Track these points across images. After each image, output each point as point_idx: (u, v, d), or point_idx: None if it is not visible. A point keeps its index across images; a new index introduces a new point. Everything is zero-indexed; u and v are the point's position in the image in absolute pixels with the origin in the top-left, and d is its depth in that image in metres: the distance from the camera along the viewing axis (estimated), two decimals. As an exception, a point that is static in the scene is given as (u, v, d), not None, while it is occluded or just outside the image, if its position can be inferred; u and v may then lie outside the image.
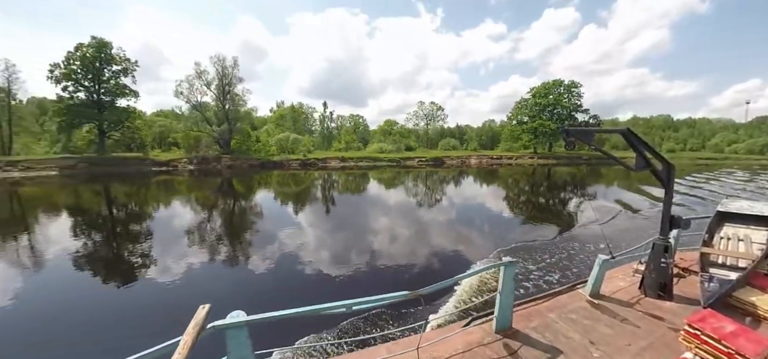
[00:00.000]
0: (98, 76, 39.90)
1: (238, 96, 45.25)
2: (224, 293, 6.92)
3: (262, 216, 15.27)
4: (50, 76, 38.25)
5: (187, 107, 47.02)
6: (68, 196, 22.58)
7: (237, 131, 45.86)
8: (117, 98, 41.37)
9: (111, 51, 40.48)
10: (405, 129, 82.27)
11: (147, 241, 11.16)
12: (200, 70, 43.61)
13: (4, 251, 10.08)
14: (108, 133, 42.00)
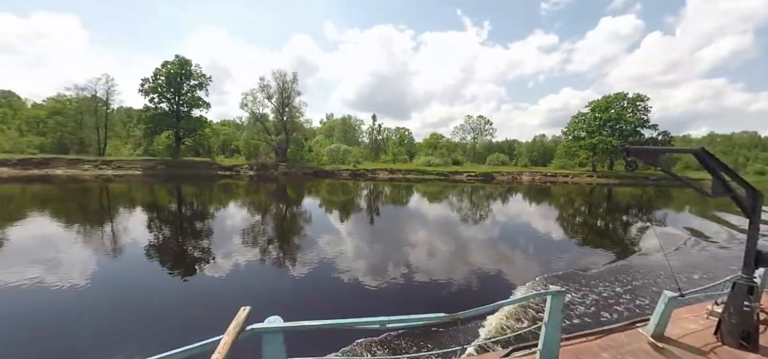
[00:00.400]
0: (178, 89, 44.87)
1: (295, 108, 48.14)
2: (263, 295, 6.98)
3: (309, 222, 15.71)
4: (141, 89, 43.83)
5: (247, 118, 50.98)
6: (148, 193, 25.34)
7: (293, 140, 48.58)
8: (192, 108, 46.10)
9: (190, 68, 45.44)
10: (451, 142, 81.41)
11: (204, 238, 12.06)
12: (264, 84, 47.20)
13: (89, 237, 11.64)
14: (183, 139, 46.77)
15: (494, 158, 66.21)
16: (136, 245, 10.57)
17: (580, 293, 7.35)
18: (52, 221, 14.59)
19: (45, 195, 23.41)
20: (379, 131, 63.61)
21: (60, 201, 21.24)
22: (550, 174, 55.11)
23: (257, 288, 7.50)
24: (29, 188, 26.93)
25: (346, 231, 13.73)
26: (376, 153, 60.78)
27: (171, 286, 7.58)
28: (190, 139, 47.50)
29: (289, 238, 12.52)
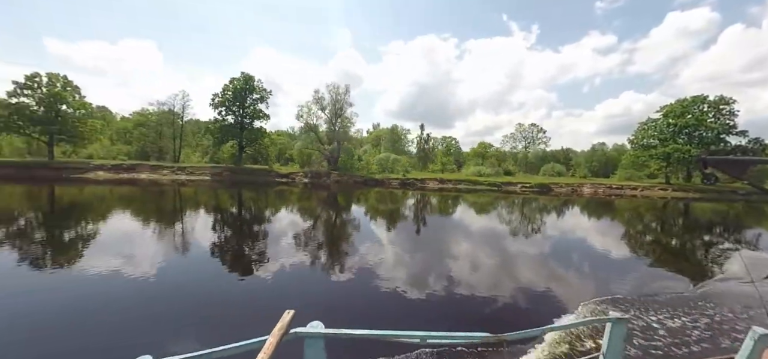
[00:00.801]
0: (243, 103, 48.72)
1: (347, 119, 49.81)
2: (306, 298, 7.07)
3: (356, 229, 15.89)
4: (212, 103, 48.39)
5: (300, 128, 53.62)
6: (214, 197, 27.83)
7: (344, 150, 50.16)
8: (254, 120, 49.73)
9: (253, 83, 49.20)
10: (500, 151, 78.48)
11: (258, 239, 12.87)
12: (318, 96, 49.44)
13: (159, 233, 13.12)
14: (245, 148, 50.51)
15: (549, 169, 62.48)
16: (198, 242, 11.75)
17: (645, 322, 6.47)
18: (132, 218, 16.96)
19: (130, 196, 26.89)
20: (427, 140, 63.31)
21: (141, 202, 24.38)
22: (615, 186, 50.59)
23: (301, 290, 7.56)
24: (118, 189, 30.95)
25: (391, 240, 13.72)
26: (424, 163, 60.51)
27: (224, 282, 8.10)
28: (251, 148, 51.12)
29: (335, 244, 12.81)
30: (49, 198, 23.87)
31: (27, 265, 8.67)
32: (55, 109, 44.55)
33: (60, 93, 44.41)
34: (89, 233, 12.78)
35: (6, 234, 12.26)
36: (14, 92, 42.90)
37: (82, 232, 13.10)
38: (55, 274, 8.24)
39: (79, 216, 17.04)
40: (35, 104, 43.75)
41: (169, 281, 7.94)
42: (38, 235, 12.57)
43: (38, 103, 43.77)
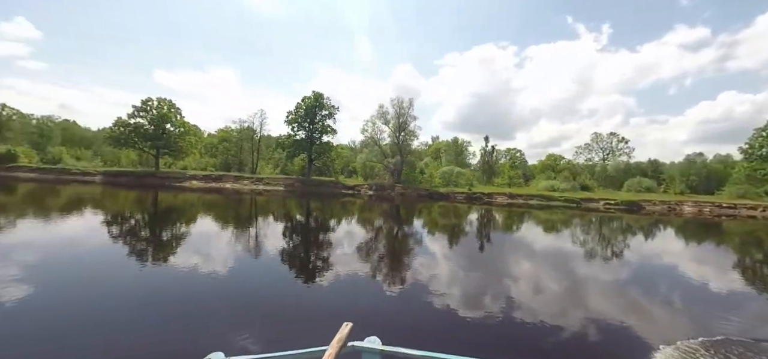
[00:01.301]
0: (313, 119, 51.89)
1: (411, 132, 50.08)
2: (364, 311, 6.95)
3: (418, 243, 15.58)
4: (286, 120, 52.43)
5: (360, 142, 55.25)
6: (287, 206, 29.70)
7: (407, 163, 50.32)
8: (323, 134, 52.52)
9: (323, 100, 52.25)
10: (572, 164, 72.09)
11: (322, 248, 13.37)
12: (382, 110, 50.63)
13: (236, 237, 14.30)
14: (314, 161, 53.47)
15: (635, 184, 55.42)
16: (269, 246, 12.58)
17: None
18: (215, 222, 19.24)
19: (216, 203, 30.15)
20: (492, 152, 60.70)
21: (224, 208, 27.25)
22: (725, 205, 42.88)
23: (359, 302, 7.50)
24: (207, 196, 34.71)
25: (456, 257, 13.20)
26: (488, 176, 58.00)
27: (289, 285, 8.43)
28: (320, 161, 53.95)
29: (396, 257, 12.52)
30: (153, 202, 27.91)
31: (128, 258, 10.10)
32: (162, 127, 52.12)
33: (166, 114, 51.91)
34: (180, 234, 14.68)
35: (118, 231, 14.73)
36: (133, 114, 51.24)
37: (175, 232, 15.14)
38: (147, 267, 9.45)
39: (174, 219, 19.85)
40: (148, 124, 51.65)
41: (243, 281, 8.55)
42: (141, 233, 14.89)
43: (150, 122, 51.63)
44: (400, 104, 50.57)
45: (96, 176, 49.85)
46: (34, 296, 6.69)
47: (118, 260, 9.84)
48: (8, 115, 70.88)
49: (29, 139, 69.02)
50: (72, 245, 11.93)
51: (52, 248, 11.25)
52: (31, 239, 12.33)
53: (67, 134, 78.18)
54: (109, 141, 53.31)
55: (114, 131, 51.13)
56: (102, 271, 8.91)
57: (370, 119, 52.87)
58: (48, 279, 7.90)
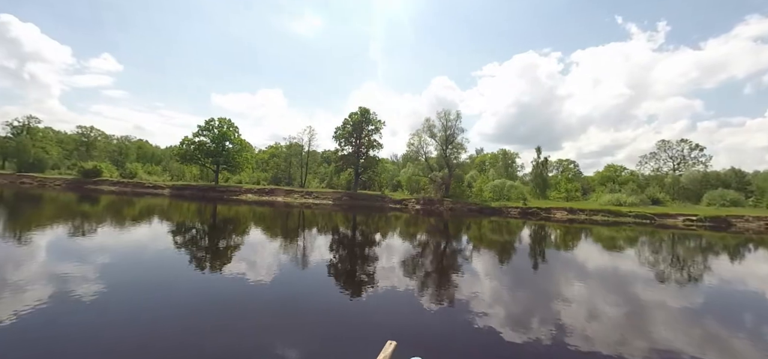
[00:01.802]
0: (360, 134, 52.84)
1: (459, 145, 48.97)
2: (408, 329, 6.67)
3: (467, 260, 15.06)
4: (334, 135, 53.93)
5: (402, 155, 54.91)
6: (336, 219, 30.07)
7: (455, 176, 49.09)
8: (369, 149, 53.20)
9: (369, 115, 53.16)
10: (636, 175, 65.85)
11: (369, 261, 13.30)
12: (429, 123, 50.16)
13: (284, 248, 15.05)
14: (360, 175, 54.17)
15: (717, 196, 48.95)
16: (317, 259, 12.97)
17: None
18: (267, 233, 20.39)
19: (268, 215, 31.51)
20: (545, 164, 57.36)
21: (276, 220, 28.51)
22: (844, 223, 36.14)
23: (404, 320, 7.29)
24: (260, 209, 36.31)
25: (502, 273, 12.67)
26: (542, 189, 54.72)
27: (332, 298, 8.50)
28: (365, 175, 54.55)
29: (445, 274, 12.07)
30: (214, 214, 30.05)
31: (187, 265, 11.03)
32: (222, 144, 56.13)
33: (226, 132, 55.86)
34: (237, 244, 15.68)
35: (182, 240, 16.19)
36: (197, 133, 55.83)
37: (233, 242, 16.25)
38: (204, 273, 10.30)
39: (233, 229, 21.41)
40: (210, 141, 55.92)
41: (289, 291, 8.87)
42: (202, 242, 16.28)
43: (212, 140, 55.85)
44: (447, 117, 49.83)
45: (165, 189, 54.71)
46: (106, 293, 7.63)
47: (181, 266, 10.99)
48: (95, 136, 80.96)
49: (111, 156, 78.02)
50: (143, 250, 13.56)
51: (126, 252, 12.83)
52: (109, 243, 14.18)
53: (141, 152, 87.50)
54: (178, 157, 58.40)
55: (182, 148, 55.99)
56: (165, 275, 9.95)
57: (416, 132, 52.65)
58: (121, 278, 9.09)
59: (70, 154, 74.64)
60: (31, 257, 10.85)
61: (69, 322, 6.00)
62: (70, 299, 7.06)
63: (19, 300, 6.74)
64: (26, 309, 6.29)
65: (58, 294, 7.25)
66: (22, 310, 6.22)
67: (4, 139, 67.54)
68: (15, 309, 6.22)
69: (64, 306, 6.64)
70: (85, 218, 22.59)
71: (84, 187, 54.60)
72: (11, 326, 5.64)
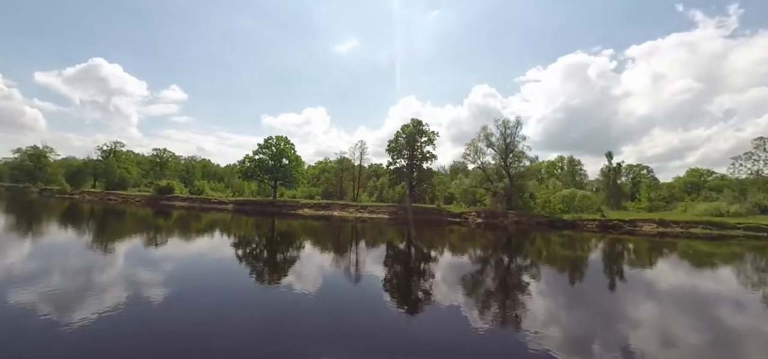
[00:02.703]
0: (413, 146, 51.95)
1: (520, 154, 45.99)
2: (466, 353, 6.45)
3: (531, 276, 14.46)
4: (388, 148, 53.54)
5: (451, 166, 52.73)
6: (393, 233, 29.52)
7: (517, 187, 46.05)
8: (423, 161, 52.00)
9: (422, 127, 52.18)
10: (728, 179, 57.29)
11: (424, 277, 13.46)
12: (486, 132, 47.90)
13: (337, 261, 15.99)
14: (414, 187, 53.01)
15: None
16: (376, 274, 13.24)
17: None
18: (323, 247, 21.28)
19: (324, 229, 31.98)
20: (618, 171, 51.90)
21: (331, 233, 29.32)
22: None
23: (460, 342, 7.00)
24: (317, 223, 36.63)
25: (575, 295, 11.93)
26: (616, 199, 49.46)
27: (389, 315, 8.66)
28: (419, 187, 53.29)
29: (507, 293, 11.50)
30: (271, 227, 31.80)
31: (245, 275, 12.47)
32: (279, 161, 58.38)
33: (283, 149, 58.08)
34: (292, 257, 16.68)
35: (243, 252, 17.73)
36: (258, 151, 58.71)
37: (287, 255, 17.34)
38: (264, 284, 11.28)
39: (289, 242, 23.06)
40: (268, 158, 58.45)
41: (325, 301, 9.31)
42: (262, 253, 17.81)
43: (270, 157, 58.35)
44: (506, 124, 47.24)
45: (229, 204, 57.93)
46: (175, 296, 9.10)
47: (249, 274, 12.59)
48: (167, 157, 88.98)
49: (179, 175, 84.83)
50: (215, 259, 15.30)
51: (195, 261, 14.63)
52: (180, 252, 16.48)
53: (205, 170, 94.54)
54: (240, 174, 61.75)
55: (243, 165, 59.14)
56: (230, 282, 11.31)
57: (471, 141, 50.52)
58: (188, 283, 10.71)
59: (146, 173, 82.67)
60: (115, 263, 13.07)
61: (138, 319, 7.35)
62: (142, 299, 8.67)
63: (102, 299, 8.33)
64: (107, 307, 7.77)
65: (132, 296, 8.81)
66: (104, 308, 7.68)
67: (95, 162, 76.57)
68: (99, 308, 7.66)
69: (137, 306, 8.12)
70: (161, 231, 25.50)
71: (159, 203, 59.65)
72: (98, 320, 7.00)
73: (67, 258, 13.59)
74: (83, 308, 7.50)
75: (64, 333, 6.31)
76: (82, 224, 27.58)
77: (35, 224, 25.56)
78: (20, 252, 14.33)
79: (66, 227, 25.87)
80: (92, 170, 77.02)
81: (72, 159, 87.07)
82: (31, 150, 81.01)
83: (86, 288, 9.27)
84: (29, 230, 22.11)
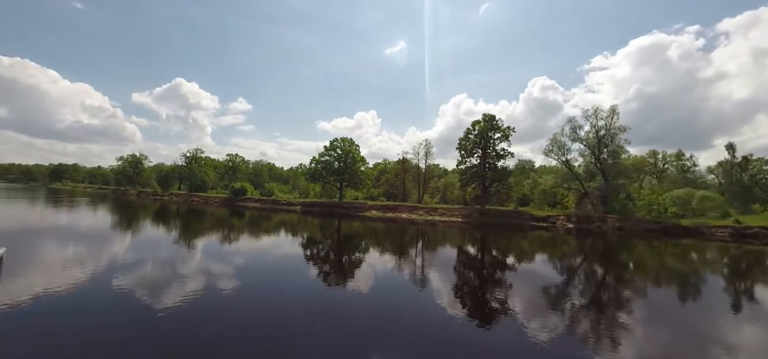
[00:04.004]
0: (486, 143, 48.38)
1: (619, 148, 40.04)
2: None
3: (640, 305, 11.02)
4: (458, 147, 50.61)
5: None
6: (468, 239, 26.94)
7: (614, 187, 40.18)
8: (497, 160, 48.14)
9: (495, 122, 48.39)
10: None
11: (499, 288, 12.33)
12: (573, 124, 42.71)
13: (402, 263, 16.15)
14: (488, 188, 49.30)
15: None
16: (436, 279, 13.05)
17: None
18: (389, 250, 20.58)
19: (394, 231, 30.34)
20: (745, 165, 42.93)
21: (398, 235, 28.08)
22: None
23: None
24: (383, 225, 34.93)
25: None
26: (743, 200, 40.85)
27: (461, 327, 8.17)
28: (494, 188, 49.45)
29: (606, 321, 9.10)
30: (337, 229, 31.62)
31: (306, 275, 12.95)
32: (345, 162, 58.61)
33: (349, 150, 58.21)
34: (357, 259, 16.73)
35: (310, 253, 18.34)
36: (324, 153, 59.62)
37: (352, 257, 17.50)
38: (326, 283, 11.81)
39: (360, 243, 22.88)
40: (335, 160, 59.01)
41: (425, 316, 8.94)
42: (328, 254, 18.28)
43: (336, 159, 58.84)
44: (597, 114, 41.53)
45: (297, 206, 59.55)
46: (243, 287, 10.33)
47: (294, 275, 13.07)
48: (238, 162, 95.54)
49: (248, 178, 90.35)
50: (294, 255, 16.80)
51: (269, 257, 15.96)
52: (254, 248, 18.08)
53: (271, 173, 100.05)
54: (307, 176, 63.32)
55: (311, 168, 60.47)
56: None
57: (554, 137, 45.52)
58: (256, 278, 11.81)
59: (222, 176, 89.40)
60: (198, 257, 14.92)
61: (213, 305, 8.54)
62: (219, 288, 9.96)
63: (184, 288, 9.68)
64: (188, 295, 9.14)
65: (210, 286, 10.13)
66: (185, 296, 9.03)
67: (180, 167, 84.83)
68: (180, 296, 8.97)
69: (212, 295, 9.30)
70: (236, 230, 27.22)
71: (234, 204, 63.51)
72: (176, 308, 8.18)
73: (168, 252, 15.92)
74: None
75: (152, 314, 7.81)
76: (175, 223, 30.69)
77: (134, 222, 29.16)
78: (124, 245, 17.36)
79: (162, 225, 28.74)
80: (178, 174, 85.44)
81: (162, 165, 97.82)
82: (131, 158, 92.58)
83: (185, 276, 11.32)
84: (130, 228, 25.53)
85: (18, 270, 10.85)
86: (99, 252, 14.82)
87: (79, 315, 7.66)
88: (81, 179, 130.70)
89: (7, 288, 9.03)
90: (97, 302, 8.55)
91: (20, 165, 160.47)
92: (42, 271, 11.16)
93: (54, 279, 10.11)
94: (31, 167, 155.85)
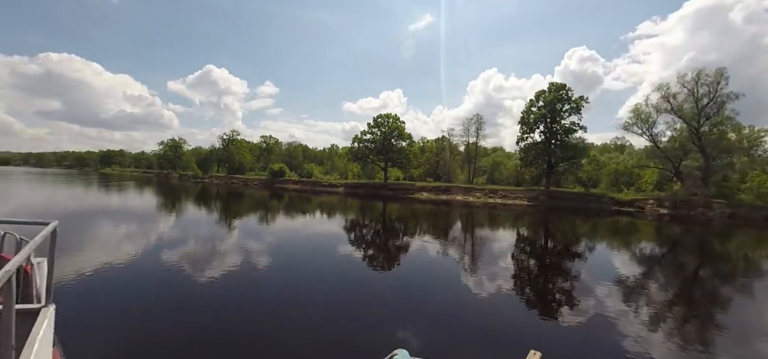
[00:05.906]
0: (554, 116, 42.98)
1: (726, 119, 33.66)
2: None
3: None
4: (520, 121, 45.62)
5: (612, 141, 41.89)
6: (551, 229, 22.83)
7: (720, 166, 34.17)
8: (567, 135, 42.74)
9: (563, 93, 42.70)
10: None
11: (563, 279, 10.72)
12: (666, 92, 36.42)
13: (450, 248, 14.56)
14: (555, 166, 44.24)
15: None
16: (492, 267, 11.52)
17: None
18: (438, 236, 18.31)
19: (438, 212, 29.04)
20: None
21: (461, 220, 26.11)
22: None
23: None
24: (438, 208, 31.71)
25: None
26: None
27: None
28: (563, 166, 44.35)
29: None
30: (383, 214, 28.36)
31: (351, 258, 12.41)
32: (390, 140, 55.03)
33: (397, 126, 54.43)
34: (402, 244, 15.39)
35: (355, 236, 17.32)
36: (366, 131, 56.24)
37: (397, 242, 16.29)
38: (371, 266, 11.66)
39: (403, 227, 21.26)
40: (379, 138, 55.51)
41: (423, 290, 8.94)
42: (373, 239, 17.08)
43: (381, 136, 55.30)
44: (699, 77, 34.98)
45: (339, 187, 57.10)
46: (273, 266, 10.63)
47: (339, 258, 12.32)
48: (272, 143, 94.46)
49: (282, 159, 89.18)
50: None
51: (309, 240, 15.66)
52: (294, 231, 17.94)
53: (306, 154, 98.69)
54: (350, 156, 60.48)
55: (353, 147, 57.45)
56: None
57: (635, 107, 39.47)
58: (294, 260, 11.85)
59: (257, 158, 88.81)
60: (239, 237, 15.02)
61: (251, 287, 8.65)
62: (262, 268, 10.28)
63: (224, 264, 10.19)
64: (227, 270, 9.64)
65: (245, 262, 10.52)
66: (225, 271, 9.52)
67: (218, 150, 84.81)
68: (220, 271, 9.42)
69: (247, 274, 9.56)
70: (276, 212, 26.95)
71: (273, 186, 62.08)
72: (213, 281, 8.65)
73: (221, 234, 15.78)
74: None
75: (197, 290, 8.09)
76: (219, 205, 30.06)
77: (178, 204, 29.25)
78: (170, 224, 18.08)
79: (214, 209, 27.15)
80: (216, 157, 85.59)
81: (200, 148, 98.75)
82: (171, 142, 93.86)
83: (248, 255, 11.56)
84: (175, 209, 25.87)
85: (81, 244, 12.00)
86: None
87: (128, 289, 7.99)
88: (127, 163, 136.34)
89: (67, 259, 9.60)
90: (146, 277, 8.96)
91: (74, 152, 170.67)
92: (97, 246, 11.96)
93: (111, 254, 10.85)
94: (83, 154, 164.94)
